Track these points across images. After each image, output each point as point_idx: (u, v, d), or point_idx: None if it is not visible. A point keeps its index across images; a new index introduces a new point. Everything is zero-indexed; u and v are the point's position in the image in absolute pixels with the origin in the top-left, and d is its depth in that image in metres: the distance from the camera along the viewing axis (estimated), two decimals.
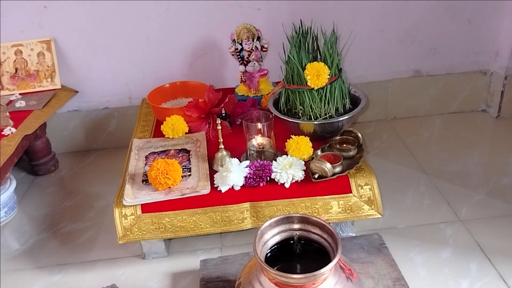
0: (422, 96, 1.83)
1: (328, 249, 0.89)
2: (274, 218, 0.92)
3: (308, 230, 0.93)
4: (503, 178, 1.46)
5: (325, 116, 1.30)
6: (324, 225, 0.90)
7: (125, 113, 1.75)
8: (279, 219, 0.92)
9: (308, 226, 0.92)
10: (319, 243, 0.92)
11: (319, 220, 0.91)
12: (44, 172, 1.66)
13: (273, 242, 0.93)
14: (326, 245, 0.90)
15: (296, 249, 0.96)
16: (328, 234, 0.89)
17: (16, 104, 1.51)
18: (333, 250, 0.87)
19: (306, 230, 0.93)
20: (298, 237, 0.94)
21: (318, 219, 0.91)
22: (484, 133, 1.74)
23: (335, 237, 0.86)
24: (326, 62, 1.27)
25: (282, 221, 0.93)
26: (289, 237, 0.94)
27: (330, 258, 0.86)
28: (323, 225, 0.90)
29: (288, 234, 0.94)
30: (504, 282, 1.10)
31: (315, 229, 0.92)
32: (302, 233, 0.93)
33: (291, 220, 0.93)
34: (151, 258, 1.25)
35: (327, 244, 0.90)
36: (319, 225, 0.91)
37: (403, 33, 1.72)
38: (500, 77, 1.75)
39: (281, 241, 0.94)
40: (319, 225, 0.91)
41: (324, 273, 0.81)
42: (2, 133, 1.34)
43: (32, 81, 1.60)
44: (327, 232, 0.90)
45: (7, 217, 1.43)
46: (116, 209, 1.14)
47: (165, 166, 1.13)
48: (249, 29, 1.47)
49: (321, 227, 0.91)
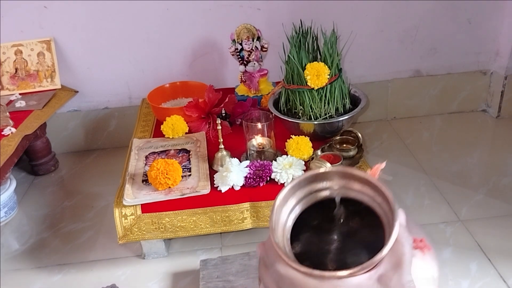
0: (422, 96, 1.83)
1: (380, 215, 0.60)
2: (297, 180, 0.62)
3: (354, 189, 0.64)
4: (503, 178, 1.46)
5: (325, 116, 1.30)
6: (374, 185, 0.60)
7: (125, 113, 1.75)
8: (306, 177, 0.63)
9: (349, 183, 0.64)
10: (368, 205, 0.62)
11: (367, 177, 0.61)
12: (44, 172, 1.66)
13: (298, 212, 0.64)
14: (379, 211, 0.61)
15: (337, 218, 0.67)
16: (383, 198, 0.60)
17: (16, 104, 1.51)
18: (388, 218, 0.58)
19: (351, 188, 0.64)
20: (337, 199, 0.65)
21: (365, 175, 0.62)
22: (484, 133, 1.73)
23: (390, 206, 0.57)
24: (326, 62, 1.27)
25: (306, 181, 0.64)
26: (314, 201, 0.65)
27: (383, 227, 0.58)
28: (374, 185, 0.60)
29: (312, 198, 0.65)
30: (504, 282, 1.10)
31: (364, 188, 0.63)
32: (346, 193, 0.64)
33: (322, 177, 0.64)
34: (151, 258, 1.25)
35: (380, 210, 0.61)
36: (369, 183, 0.62)
37: (403, 33, 1.72)
38: (500, 77, 1.75)
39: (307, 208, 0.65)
40: (370, 183, 0.62)
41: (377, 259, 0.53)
42: (2, 133, 1.34)
43: (32, 81, 1.60)
44: (381, 195, 0.60)
45: (7, 217, 1.43)
46: (116, 209, 1.14)
47: (165, 166, 1.13)
48: (249, 29, 1.47)
49: (373, 186, 0.61)
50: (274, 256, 0.55)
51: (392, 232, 0.53)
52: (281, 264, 0.54)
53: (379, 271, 0.52)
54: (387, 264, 0.53)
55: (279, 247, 0.55)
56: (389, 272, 0.51)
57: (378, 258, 0.51)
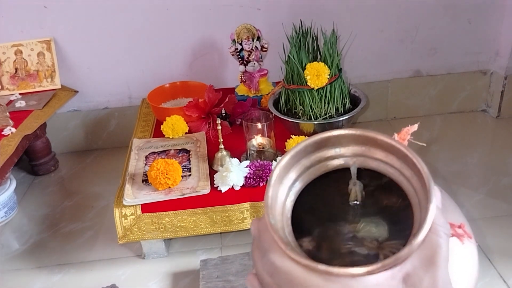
0: (422, 96, 1.83)
1: (409, 193, 0.43)
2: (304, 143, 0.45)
3: (376, 158, 0.46)
4: (503, 178, 1.46)
5: (325, 116, 1.30)
6: (404, 154, 0.42)
7: (125, 113, 1.75)
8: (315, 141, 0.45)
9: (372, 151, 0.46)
10: (393, 179, 0.45)
11: (395, 144, 0.43)
12: (44, 172, 1.66)
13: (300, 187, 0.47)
14: (408, 188, 0.43)
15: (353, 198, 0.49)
16: (414, 171, 0.42)
17: (16, 104, 1.51)
18: (419, 198, 0.41)
19: (372, 157, 0.46)
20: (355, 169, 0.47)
21: (392, 141, 0.43)
22: (484, 133, 1.74)
23: (425, 182, 0.40)
24: (326, 62, 1.27)
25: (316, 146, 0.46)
26: (323, 172, 0.48)
27: (412, 209, 0.42)
28: (404, 155, 0.42)
29: (320, 169, 0.48)
30: (504, 282, 1.10)
31: (388, 158, 0.45)
32: (365, 162, 0.47)
33: (335, 142, 0.46)
34: (151, 258, 1.25)
35: (408, 187, 0.43)
36: (396, 153, 0.44)
37: (403, 33, 1.72)
38: (500, 77, 1.75)
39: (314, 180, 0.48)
40: (397, 153, 0.44)
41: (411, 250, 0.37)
42: (2, 133, 1.34)
43: (32, 81, 1.60)
44: (411, 167, 0.43)
45: (7, 217, 1.43)
46: (116, 209, 1.14)
47: (165, 166, 1.13)
48: (249, 29, 1.47)
49: (401, 157, 0.44)
50: (269, 242, 0.41)
51: (426, 218, 0.37)
52: (277, 253, 0.40)
53: (406, 269, 0.38)
54: (417, 260, 0.38)
55: (275, 231, 0.40)
56: (419, 271, 0.38)
57: (405, 253, 0.36)
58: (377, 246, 0.44)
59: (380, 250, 0.43)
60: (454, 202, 0.51)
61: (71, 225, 1.41)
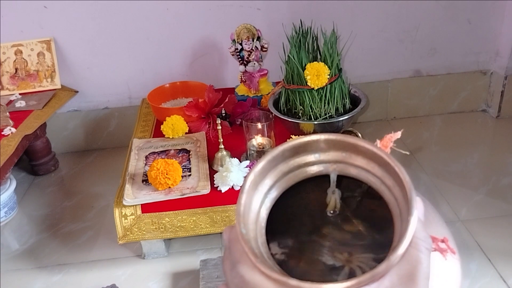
0: (422, 96, 1.83)
1: (392, 206, 0.41)
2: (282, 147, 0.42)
3: (357, 165, 0.44)
4: (503, 178, 1.46)
5: (325, 116, 1.30)
6: (385, 162, 0.40)
7: (125, 113, 1.75)
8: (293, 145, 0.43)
9: (352, 158, 0.44)
10: (374, 188, 0.43)
11: (376, 151, 0.41)
12: (44, 172, 1.66)
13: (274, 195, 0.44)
14: (389, 198, 0.41)
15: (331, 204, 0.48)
16: (396, 180, 0.40)
17: (16, 104, 1.51)
18: (400, 208, 0.40)
19: (353, 164, 0.44)
20: (335, 177, 0.45)
21: (373, 148, 0.41)
22: (484, 133, 1.74)
23: (407, 193, 0.38)
24: (326, 62, 1.27)
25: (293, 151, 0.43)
26: (300, 179, 0.45)
27: (393, 219, 0.41)
28: (385, 163, 0.41)
29: (298, 175, 0.45)
30: (504, 282, 1.10)
31: (370, 166, 0.43)
32: (345, 170, 0.44)
33: (314, 147, 0.43)
34: (151, 258, 1.25)
35: (389, 197, 0.41)
36: (378, 160, 0.42)
37: (403, 33, 1.72)
38: (500, 77, 1.75)
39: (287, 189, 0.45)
40: (379, 160, 0.42)
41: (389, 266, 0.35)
42: (2, 133, 1.34)
43: (32, 81, 1.60)
44: (393, 177, 0.41)
45: (7, 217, 1.43)
46: (116, 209, 1.14)
47: (165, 166, 1.13)
48: (249, 29, 1.47)
49: (382, 165, 0.41)
50: (240, 253, 0.38)
51: (406, 231, 0.36)
52: (246, 265, 0.37)
53: (383, 286, 0.36)
54: (395, 276, 0.36)
55: (246, 241, 0.37)
56: (398, 287, 0.36)
57: (383, 269, 0.35)
58: (350, 259, 0.42)
59: (354, 264, 0.42)
60: (438, 214, 0.49)
61: (71, 225, 1.41)
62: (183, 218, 1.15)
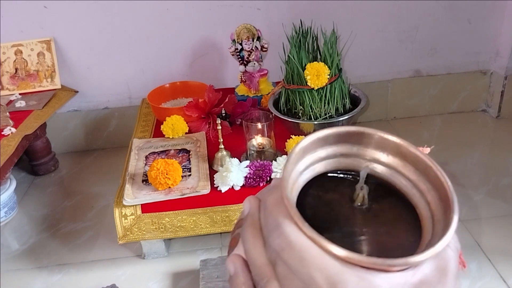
0: (422, 96, 1.83)
1: (421, 209, 0.42)
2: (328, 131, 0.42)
3: (391, 166, 0.44)
4: (503, 178, 1.46)
5: (325, 116, 1.30)
6: (427, 166, 0.42)
7: (125, 113, 1.75)
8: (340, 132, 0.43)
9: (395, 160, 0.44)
10: (404, 193, 0.44)
11: (420, 155, 0.43)
12: (44, 172, 1.66)
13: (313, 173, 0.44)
14: (420, 202, 0.43)
15: (359, 197, 0.46)
16: (433, 184, 0.42)
17: (16, 104, 1.51)
18: (432, 211, 0.41)
19: (387, 165, 0.44)
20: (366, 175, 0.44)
21: (417, 152, 0.43)
22: (484, 133, 1.74)
23: (447, 194, 0.40)
24: (326, 62, 1.27)
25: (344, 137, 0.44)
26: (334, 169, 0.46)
27: (420, 222, 0.42)
28: (426, 166, 0.42)
29: (332, 164, 0.45)
30: (504, 282, 1.10)
31: (406, 169, 0.44)
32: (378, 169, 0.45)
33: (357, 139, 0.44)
34: (151, 258, 1.25)
35: (421, 202, 0.43)
36: (417, 164, 0.43)
37: (403, 33, 1.72)
38: (500, 77, 1.75)
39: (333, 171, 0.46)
40: (417, 164, 0.43)
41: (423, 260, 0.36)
42: (2, 133, 1.34)
43: (32, 81, 1.60)
44: (430, 181, 0.42)
45: (7, 217, 1.43)
46: (116, 209, 1.14)
47: (165, 166, 1.13)
48: (249, 29, 1.47)
49: (421, 169, 0.43)
50: (282, 216, 0.38)
51: (449, 227, 0.37)
52: (291, 227, 0.37)
53: (419, 275, 0.36)
54: (430, 268, 0.37)
55: (291, 205, 0.37)
56: (432, 279, 0.37)
57: (425, 256, 0.35)
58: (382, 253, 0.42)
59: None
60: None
61: (71, 225, 1.41)
62: (183, 218, 1.15)
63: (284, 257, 0.36)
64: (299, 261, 0.36)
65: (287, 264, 0.36)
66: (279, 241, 0.37)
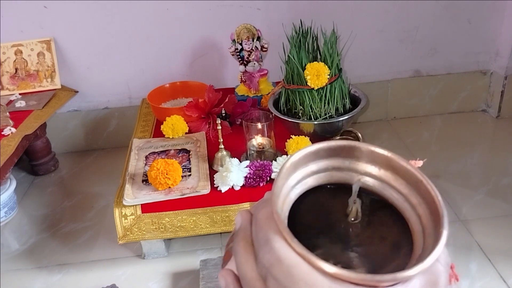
0: (422, 96, 1.83)
1: (412, 223, 0.43)
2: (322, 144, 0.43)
3: (383, 180, 0.45)
4: (503, 178, 1.46)
5: (325, 116, 1.30)
6: (418, 180, 0.43)
7: (125, 113, 1.75)
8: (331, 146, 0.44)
9: (386, 173, 0.45)
10: (396, 206, 0.44)
11: (410, 168, 0.43)
12: (44, 172, 1.66)
13: (305, 187, 0.45)
14: (411, 216, 0.43)
15: (351, 210, 0.45)
16: (424, 198, 0.42)
17: (16, 104, 1.51)
18: (423, 225, 0.42)
19: (379, 178, 0.45)
20: (359, 188, 0.44)
21: (407, 165, 0.44)
22: (484, 133, 1.74)
23: (437, 209, 0.40)
24: (326, 62, 1.27)
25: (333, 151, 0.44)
26: (325, 182, 0.46)
27: (412, 239, 0.42)
28: (417, 180, 0.43)
29: (324, 178, 0.46)
30: (504, 282, 1.10)
31: (397, 183, 0.45)
32: (370, 183, 0.45)
33: (349, 152, 0.44)
34: (151, 258, 1.25)
35: (412, 215, 0.43)
36: (408, 178, 0.44)
37: (403, 33, 1.72)
38: (500, 77, 1.75)
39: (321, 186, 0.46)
40: (408, 178, 0.44)
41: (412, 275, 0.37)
42: (2, 133, 1.34)
43: (32, 81, 1.60)
44: (421, 194, 0.42)
45: (7, 217, 1.43)
46: (116, 209, 1.14)
47: (165, 166, 1.13)
48: (249, 29, 1.47)
49: (412, 182, 0.43)
50: (272, 232, 0.38)
51: (439, 242, 0.37)
52: (281, 243, 0.37)
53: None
54: (420, 283, 0.37)
55: (281, 221, 0.37)
56: None
57: (415, 271, 0.35)
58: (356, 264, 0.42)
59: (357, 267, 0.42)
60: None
61: (71, 225, 1.41)
62: (183, 218, 1.15)
63: (273, 272, 0.36)
64: (288, 277, 0.36)
65: (276, 280, 0.36)
66: (269, 257, 0.37)
